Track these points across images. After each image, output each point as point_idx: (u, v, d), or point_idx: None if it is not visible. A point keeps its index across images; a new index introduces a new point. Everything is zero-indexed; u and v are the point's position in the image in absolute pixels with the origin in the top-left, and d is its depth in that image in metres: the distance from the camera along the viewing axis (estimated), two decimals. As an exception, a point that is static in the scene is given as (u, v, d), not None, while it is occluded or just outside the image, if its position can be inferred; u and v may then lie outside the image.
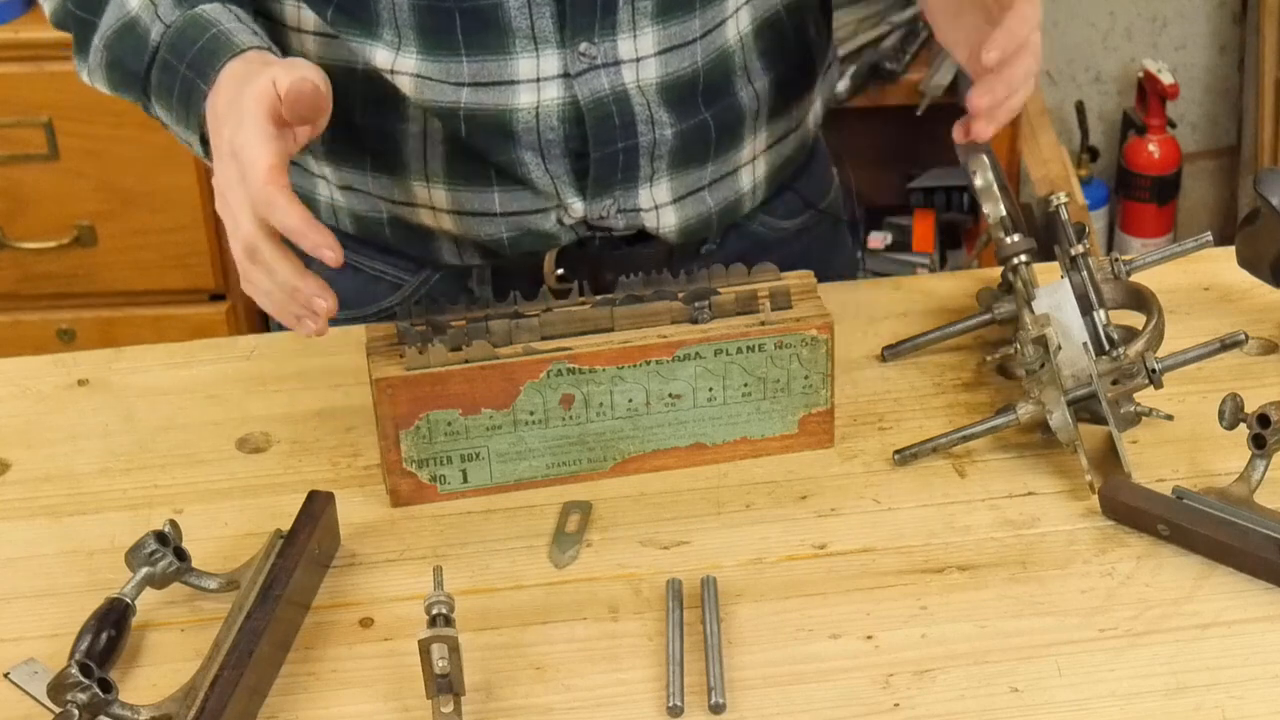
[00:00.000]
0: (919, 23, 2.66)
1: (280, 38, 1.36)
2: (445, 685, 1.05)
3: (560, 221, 1.37)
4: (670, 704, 1.07)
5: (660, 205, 1.38)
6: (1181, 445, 1.27)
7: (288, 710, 1.09)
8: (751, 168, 1.43)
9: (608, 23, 1.28)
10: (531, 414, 1.23)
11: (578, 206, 1.36)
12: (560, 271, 1.39)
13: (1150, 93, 3.04)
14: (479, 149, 1.32)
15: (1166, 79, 3.00)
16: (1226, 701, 1.06)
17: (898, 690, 1.08)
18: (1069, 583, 1.16)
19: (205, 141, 1.21)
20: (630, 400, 1.24)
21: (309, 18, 1.32)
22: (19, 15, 2.46)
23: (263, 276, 1.15)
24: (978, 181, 1.38)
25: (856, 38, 2.61)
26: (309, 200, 1.45)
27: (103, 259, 2.56)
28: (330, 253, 1.11)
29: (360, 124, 1.36)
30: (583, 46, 1.28)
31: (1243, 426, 1.19)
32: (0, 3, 2.44)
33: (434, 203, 1.37)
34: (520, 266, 1.39)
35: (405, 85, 1.30)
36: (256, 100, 1.13)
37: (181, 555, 1.15)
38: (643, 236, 1.40)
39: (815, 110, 1.48)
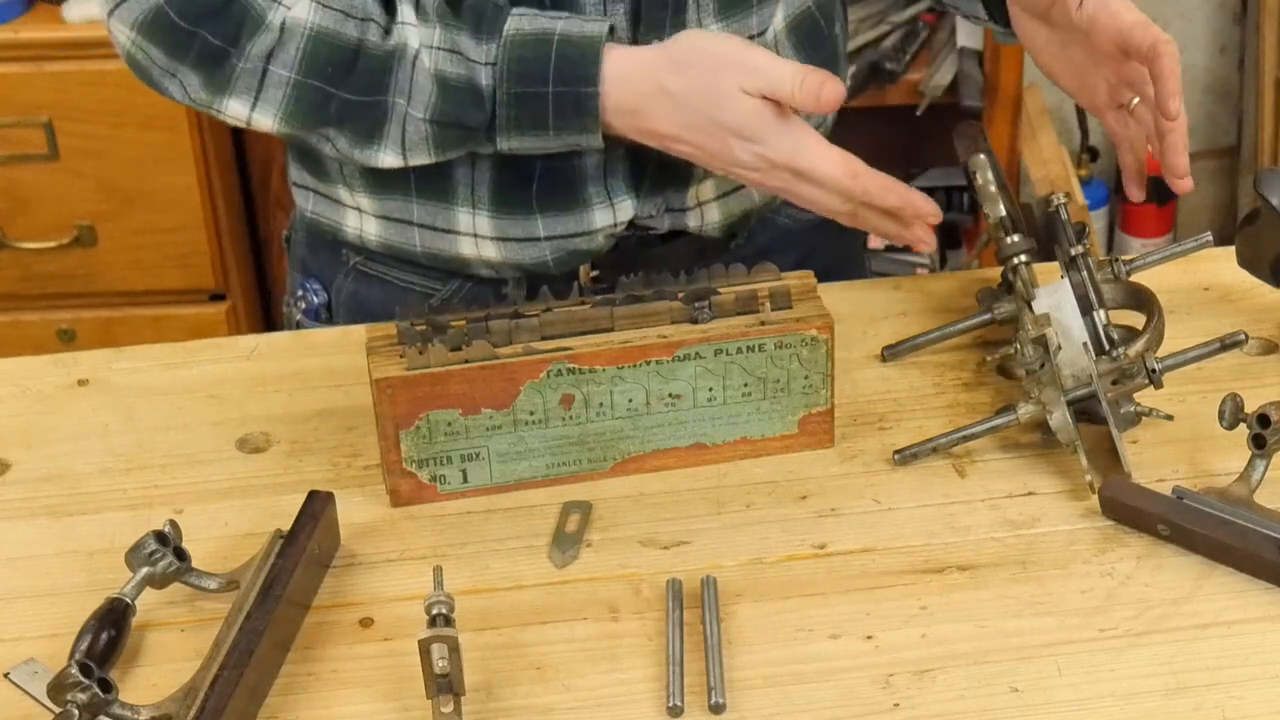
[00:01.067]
0: (919, 23, 2.66)
1: None
2: (445, 685, 1.05)
3: (604, 239, 1.37)
4: (670, 704, 1.07)
5: (704, 202, 1.39)
6: (1181, 445, 1.27)
7: (288, 710, 1.09)
8: None
9: (678, 21, 1.30)
10: (531, 414, 1.23)
11: (628, 205, 1.36)
12: (595, 273, 1.40)
13: (1150, 93, 3.04)
14: (545, 158, 1.32)
15: (1167, 79, 2.99)
16: (1226, 701, 1.06)
17: (898, 690, 1.08)
18: (1069, 583, 1.16)
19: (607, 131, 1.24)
20: (630, 400, 1.24)
21: None
22: (19, 15, 2.46)
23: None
24: (978, 181, 1.38)
25: (856, 38, 2.61)
26: (335, 230, 1.44)
27: (103, 259, 2.56)
28: (935, 218, 1.27)
29: None
30: (653, 42, 1.29)
31: (1243, 426, 1.19)
32: (1, 3, 2.44)
33: (477, 230, 1.37)
34: (556, 275, 1.39)
35: None
36: (760, 113, 1.20)
37: (181, 555, 1.15)
38: (676, 234, 1.41)
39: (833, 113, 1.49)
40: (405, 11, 1.26)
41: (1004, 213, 1.36)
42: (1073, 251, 1.32)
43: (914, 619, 1.13)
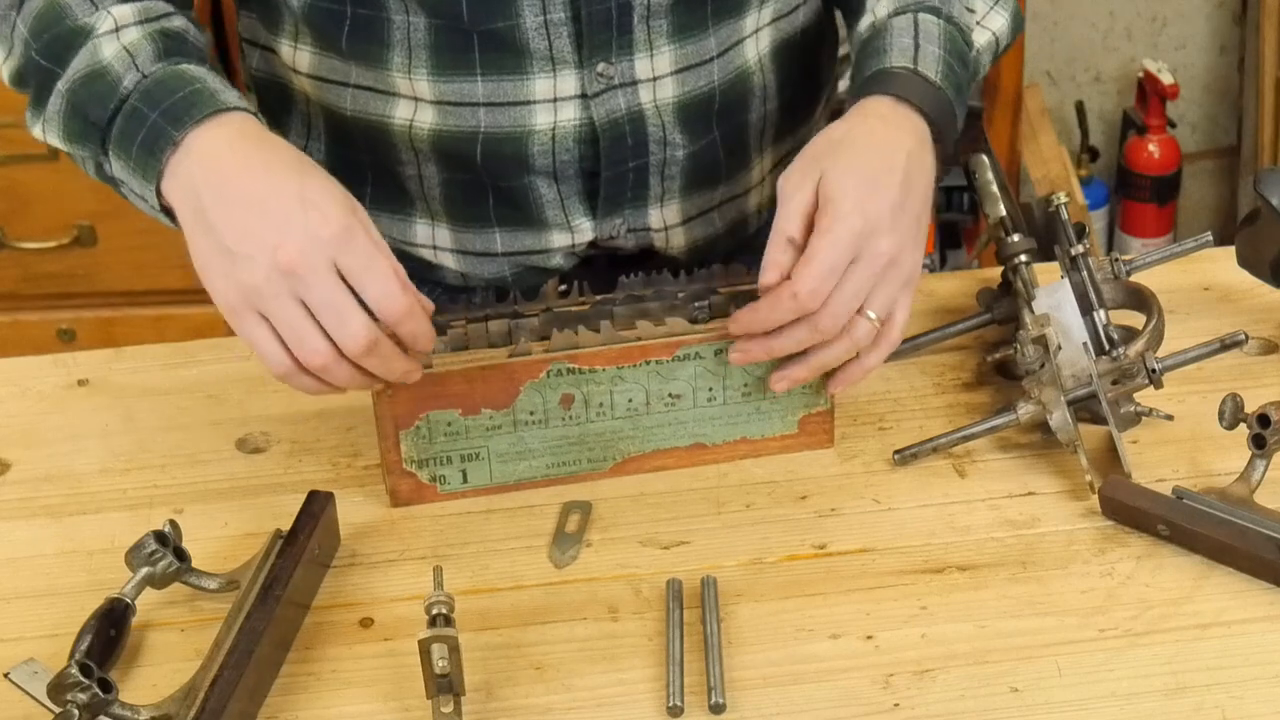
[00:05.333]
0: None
1: (282, 75, 1.36)
2: (445, 685, 1.05)
3: (562, 258, 1.37)
4: (670, 704, 1.07)
5: (670, 226, 1.38)
6: (1181, 445, 1.27)
7: (288, 710, 1.09)
8: (759, 189, 1.43)
9: (624, 42, 1.28)
10: (531, 414, 1.23)
11: (586, 227, 1.36)
12: (564, 287, 1.39)
13: (1150, 93, 3.04)
14: (491, 175, 1.32)
15: (1166, 79, 3.00)
16: (1226, 701, 1.06)
17: (898, 690, 1.08)
18: (1069, 583, 1.16)
19: (161, 198, 1.16)
20: (630, 400, 1.24)
21: (304, 58, 1.32)
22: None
23: (375, 367, 1.12)
24: (978, 181, 1.38)
25: (857, 38, 2.60)
26: None
27: (103, 259, 2.55)
28: (431, 345, 1.14)
29: (360, 160, 1.35)
30: (600, 67, 1.28)
31: (1243, 426, 1.19)
32: (1, 3, 2.44)
33: (436, 241, 1.37)
34: (523, 289, 1.38)
35: (426, 114, 1.29)
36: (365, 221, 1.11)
37: (181, 555, 1.15)
38: (647, 254, 1.40)
39: (818, 130, 1.48)
40: (124, 11, 1.20)
41: (1004, 213, 1.36)
42: (1073, 251, 1.32)
43: (914, 619, 1.13)
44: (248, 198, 1.10)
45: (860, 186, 1.15)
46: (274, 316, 1.09)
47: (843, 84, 2.53)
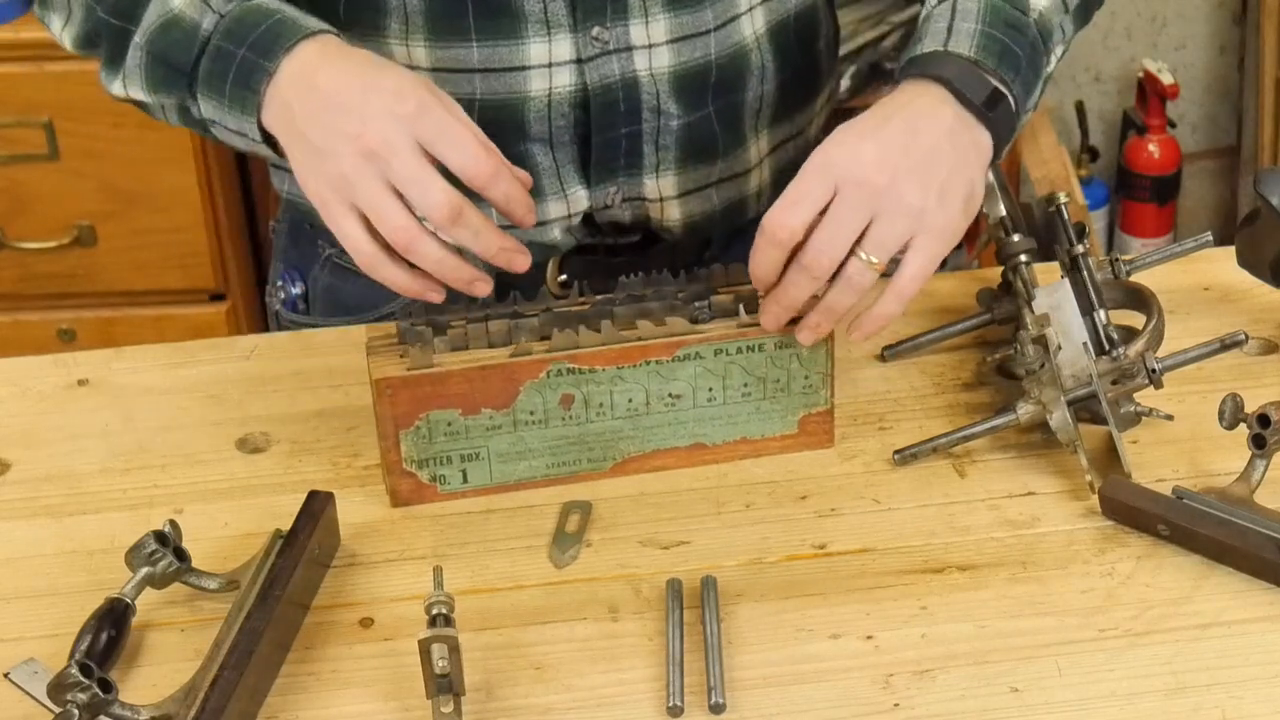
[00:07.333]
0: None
1: None
2: (445, 685, 1.05)
3: (560, 232, 1.37)
4: (670, 704, 1.07)
5: (665, 198, 1.38)
6: (1181, 445, 1.27)
7: (288, 710, 1.09)
8: (759, 171, 1.43)
9: (619, 7, 1.29)
10: (531, 414, 1.23)
11: (581, 195, 1.36)
12: (563, 278, 1.39)
13: (1150, 93, 3.04)
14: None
15: (1166, 79, 3.00)
16: (1226, 701, 1.06)
17: (898, 690, 1.08)
18: (1069, 583, 1.16)
19: (265, 131, 1.19)
20: (630, 400, 1.24)
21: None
22: (19, 15, 2.45)
23: (467, 240, 1.15)
24: (978, 181, 1.38)
25: (856, 38, 2.61)
26: (311, 214, 1.44)
27: (103, 259, 2.55)
28: (532, 216, 1.18)
29: None
30: (595, 31, 1.29)
31: (1243, 426, 1.19)
32: (0, 3, 2.43)
33: None
34: (523, 273, 1.38)
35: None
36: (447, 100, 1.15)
37: (181, 555, 1.15)
38: (647, 241, 1.40)
39: (818, 122, 1.49)
40: None
41: (1004, 213, 1.36)
42: (1073, 251, 1.32)
43: (914, 619, 1.13)
44: (328, 97, 1.15)
45: (841, 137, 1.16)
46: (361, 201, 1.14)
47: (844, 84, 2.54)
